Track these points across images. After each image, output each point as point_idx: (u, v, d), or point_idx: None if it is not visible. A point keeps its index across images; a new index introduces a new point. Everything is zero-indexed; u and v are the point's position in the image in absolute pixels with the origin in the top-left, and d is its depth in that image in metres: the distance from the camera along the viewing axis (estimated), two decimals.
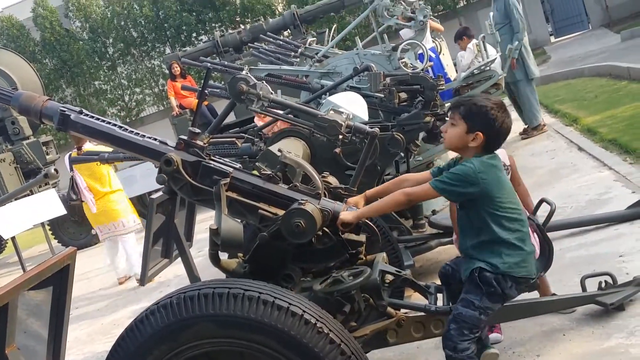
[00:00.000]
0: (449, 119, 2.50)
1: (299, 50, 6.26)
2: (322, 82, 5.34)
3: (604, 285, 3.05)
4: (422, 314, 2.57)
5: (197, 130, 2.58)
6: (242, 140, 4.02)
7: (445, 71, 6.12)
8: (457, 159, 2.54)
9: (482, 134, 2.39)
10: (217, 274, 2.51)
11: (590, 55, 13.98)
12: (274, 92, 3.33)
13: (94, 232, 7.19)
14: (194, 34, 22.44)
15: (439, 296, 2.70)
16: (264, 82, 3.25)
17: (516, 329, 3.10)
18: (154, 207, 3.20)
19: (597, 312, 3.02)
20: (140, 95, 23.95)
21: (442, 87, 4.37)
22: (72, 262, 2.36)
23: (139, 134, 2.68)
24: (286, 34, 11.23)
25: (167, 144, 2.63)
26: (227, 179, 2.44)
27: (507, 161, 3.12)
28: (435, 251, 4.21)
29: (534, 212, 2.99)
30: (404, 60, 5.04)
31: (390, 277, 2.58)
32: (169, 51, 21.88)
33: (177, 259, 3.44)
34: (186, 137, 2.55)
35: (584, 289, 3.07)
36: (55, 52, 23.21)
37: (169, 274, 6.03)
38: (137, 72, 23.81)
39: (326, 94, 4.44)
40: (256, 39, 10.50)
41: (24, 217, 6.79)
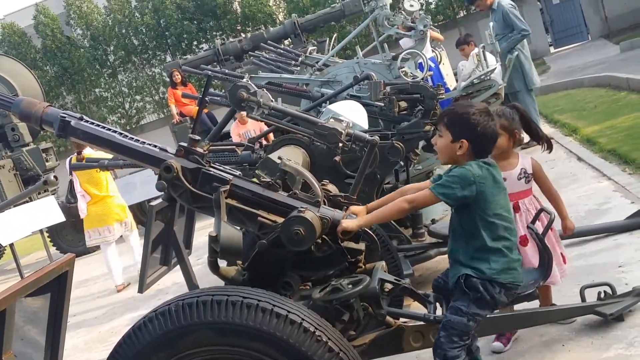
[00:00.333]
0: (437, 131, 2.52)
1: (300, 58, 6.28)
2: (322, 91, 5.35)
3: (603, 295, 3.04)
4: (422, 323, 2.56)
5: (197, 137, 2.58)
6: (242, 147, 4.03)
7: (444, 80, 6.13)
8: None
9: (466, 141, 2.40)
10: (216, 282, 2.51)
11: (589, 65, 14.02)
12: (274, 100, 3.34)
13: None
14: (195, 42, 22.51)
15: (438, 305, 2.69)
16: (264, 90, 3.26)
17: (515, 339, 3.10)
18: (153, 215, 3.20)
19: (597, 322, 3.01)
20: (140, 102, 23.98)
21: (442, 96, 4.38)
22: (71, 268, 2.36)
23: (139, 140, 2.68)
24: (287, 42, 11.26)
25: (167, 151, 2.63)
26: (227, 186, 2.44)
27: (530, 169, 3.11)
28: (434, 260, 4.20)
29: (533, 222, 2.99)
30: (404, 69, 5.05)
31: (389, 286, 2.57)
32: (169, 59, 21.92)
33: (176, 267, 3.43)
34: (186, 144, 2.55)
35: (583, 299, 3.07)
36: (56, 59, 23.26)
37: (167, 281, 6.02)
38: (137, 80, 23.85)
39: (326, 103, 4.45)
40: (257, 47, 10.53)
41: (22, 224, 6.77)
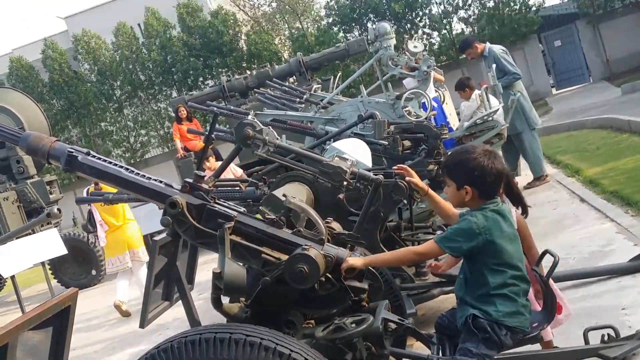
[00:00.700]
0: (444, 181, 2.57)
1: (304, 96, 6.37)
2: (326, 128, 5.41)
3: (606, 338, 3.01)
4: None
5: (203, 173, 2.61)
6: (246, 183, 4.05)
7: (447, 120, 6.20)
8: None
9: (470, 187, 2.44)
10: (217, 318, 2.50)
11: (591, 107, 14.15)
12: (278, 137, 3.38)
13: (94, 272, 7.38)
14: (201, 79, 22.83)
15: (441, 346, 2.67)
16: (270, 127, 3.30)
17: None
18: (157, 249, 3.21)
19: None
20: (145, 137, 24.20)
21: (445, 136, 4.43)
22: (73, 303, 2.35)
23: (144, 176, 2.70)
24: (292, 80, 11.42)
25: (172, 186, 2.65)
26: (232, 222, 2.45)
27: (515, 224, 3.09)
28: (437, 300, 4.16)
29: (537, 264, 2.98)
30: (407, 108, 5.12)
31: (392, 326, 2.56)
32: (175, 94, 22.20)
33: (178, 302, 3.42)
34: (191, 180, 2.58)
35: (587, 341, 3.03)
36: (63, 93, 23.58)
37: (168, 316, 5.97)
38: (143, 115, 24.11)
39: (331, 140, 4.49)
40: (262, 84, 10.68)
41: (24, 256, 6.77)
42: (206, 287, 2.52)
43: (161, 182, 2.68)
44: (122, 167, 2.72)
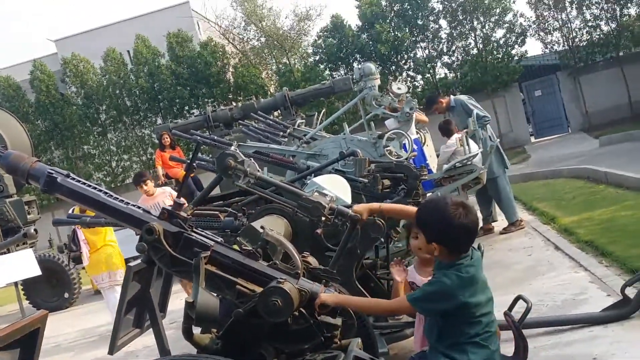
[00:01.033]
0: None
1: (288, 130, 6.43)
2: (308, 163, 5.45)
3: None
4: None
5: (182, 201, 2.62)
6: (225, 214, 4.05)
7: (427, 162, 6.29)
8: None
9: (437, 245, 2.42)
10: (188, 348, 2.48)
11: (569, 157, 14.41)
12: (260, 169, 3.41)
13: (67, 295, 7.30)
14: (187, 107, 22.87)
15: None
16: (252, 159, 3.33)
17: None
18: (131, 276, 3.19)
19: None
20: (127, 162, 24.06)
21: (425, 177, 4.49)
22: (43, 325, 2.32)
23: (123, 201, 2.70)
24: (276, 114, 11.51)
25: (150, 213, 2.65)
26: (208, 252, 2.45)
27: None
28: (410, 339, 4.15)
29: (510, 309, 3.00)
30: (389, 148, 5.19)
31: None
32: (160, 121, 22.18)
33: (148, 329, 3.37)
34: (170, 208, 2.58)
35: None
36: (48, 114, 23.47)
37: (138, 344, 5.86)
38: (126, 140, 24.03)
39: (312, 175, 4.53)
40: (247, 116, 10.77)
41: None
42: (178, 316, 2.49)
43: (139, 207, 2.68)
44: (101, 190, 2.72)
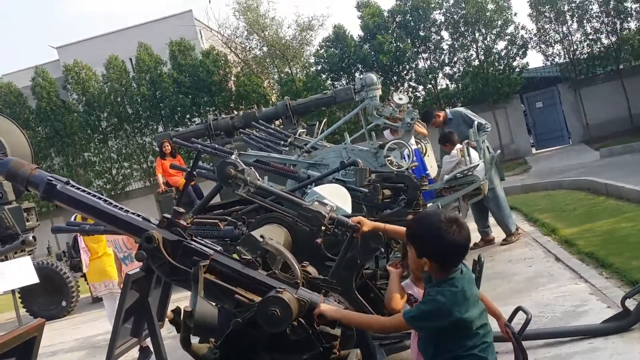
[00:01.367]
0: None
1: (289, 139, 6.44)
2: (309, 173, 5.45)
3: None
4: None
5: (182, 209, 2.61)
6: (225, 222, 4.04)
7: (428, 172, 6.29)
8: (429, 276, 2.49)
9: (427, 260, 2.38)
10: (185, 357, 2.46)
11: (569, 168, 14.41)
12: (260, 178, 3.40)
13: (64, 304, 7.27)
14: (188, 115, 22.89)
15: None
16: (252, 168, 3.33)
17: None
18: (129, 284, 3.18)
19: None
20: (128, 169, 24.05)
21: (426, 187, 4.48)
22: (39, 334, 2.31)
23: (122, 208, 2.68)
24: (277, 123, 11.51)
25: (150, 221, 2.64)
26: (207, 261, 2.43)
27: None
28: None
29: (510, 320, 2.99)
30: (389, 158, 5.19)
31: None
32: (161, 129, 22.18)
33: (146, 339, 3.36)
34: (170, 216, 2.57)
35: None
36: (49, 121, 23.49)
37: (135, 353, 5.83)
38: (127, 147, 24.03)
39: (312, 185, 4.53)
40: (248, 125, 10.78)
41: None
42: None
43: (139, 215, 2.67)
44: (100, 198, 2.71)
